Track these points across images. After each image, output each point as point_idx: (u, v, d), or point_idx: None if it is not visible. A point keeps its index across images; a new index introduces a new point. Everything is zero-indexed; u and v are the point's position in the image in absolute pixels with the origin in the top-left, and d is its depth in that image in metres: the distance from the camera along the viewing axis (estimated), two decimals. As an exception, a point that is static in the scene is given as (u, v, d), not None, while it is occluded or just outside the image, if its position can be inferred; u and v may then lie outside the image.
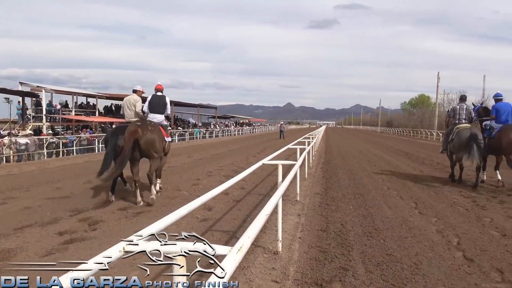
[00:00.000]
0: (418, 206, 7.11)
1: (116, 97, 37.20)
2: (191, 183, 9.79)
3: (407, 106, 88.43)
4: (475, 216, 6.35)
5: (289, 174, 5.39)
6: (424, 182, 10.01)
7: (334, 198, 7.73)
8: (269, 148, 23.04)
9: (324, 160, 15.80)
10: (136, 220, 6.10)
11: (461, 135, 9.22)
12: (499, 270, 4.01)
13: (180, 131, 33.55)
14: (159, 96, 8.07)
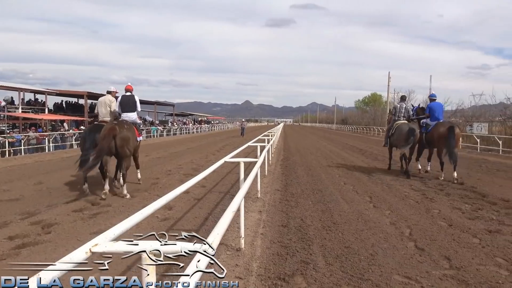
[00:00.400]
0: (372, 200, 7.43)
1: (67, 93, 35.53)
2: (150, 182, 9.58)
3: (360, 104, 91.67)
4: (424, 208, 6.76)
5: (252, 171, 5.45)
6: (377, 177, 10.47)
7: (293, 194, 7.90)
8: (228, 146, 23.02)
9: (283, 157, 16.05)
10: (93, 222, 5.89)
11: (401, 129, 10.58)
12: (447, 257, 4.31)
13: (136, 129, 32.69)
14: (128, 96, 8.68)
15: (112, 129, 7.57)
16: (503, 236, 5.13)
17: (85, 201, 7.31)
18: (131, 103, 8.63)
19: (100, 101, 8.79)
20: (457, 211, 6.56)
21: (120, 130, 7.68)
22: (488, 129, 26.35)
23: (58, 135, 22.31)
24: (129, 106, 8.60)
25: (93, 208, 6.75)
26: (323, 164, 13.44)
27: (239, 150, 8.80)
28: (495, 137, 20.86)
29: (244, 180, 5.25)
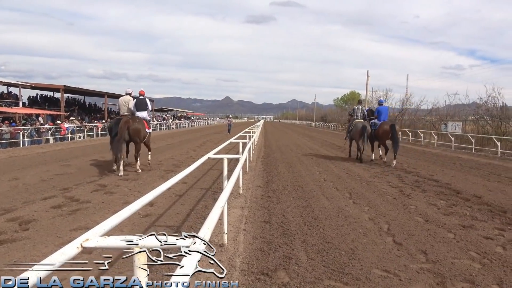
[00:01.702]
0: (352, 196, 7.59)
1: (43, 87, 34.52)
2: (129, 178, 9.47)
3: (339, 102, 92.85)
4: (402, 204, 6.95)
5: (237, 167, 5.48)
6: (356, 174, 10.68)
7: (275, 191, 7.97)
8: (209, 142, 22.93)
9: (264, 153, 16.13)
10: (73, 218, 5.79)
11: (357, 126, 13.70)
12: (424, 252, 4.46)
13: (114, 125, 32.08)
14: (141, 98, 11.24)
15: (126, 122, 10.24)
16: (476, 231, 5.35)
17: (64, 197, 7.18)
18: (143, 104, 11.19)
19: (121, 100, 11.37)
20: (433, 207, 6.78)
21: (133, 123, 10.37)
22: (462, 128, 27.21)
23: (34, 129, 21.69)
24: (142, 106, 11.15)
25: (72, 205, 6.64)
26: (304, 161, 13.59)
27: (221, 147, 8.80)
28: (469, 135, 21.57)
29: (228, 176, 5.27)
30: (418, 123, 36.52)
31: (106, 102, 38.64)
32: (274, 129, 55.74)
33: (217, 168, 11.02)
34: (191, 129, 49.67)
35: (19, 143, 19.37)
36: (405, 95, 46.92)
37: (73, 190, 7.88)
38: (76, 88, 34.09)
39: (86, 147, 19.46)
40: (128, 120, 10.30)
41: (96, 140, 24.64)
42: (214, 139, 25.74)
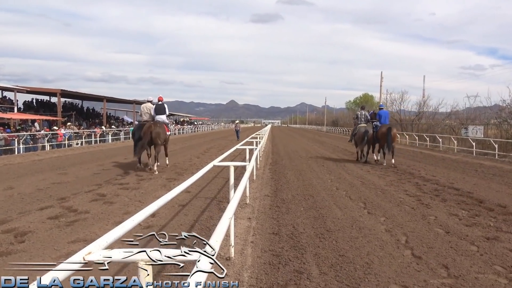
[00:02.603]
0: (366, 206, 7.54)
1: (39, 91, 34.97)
2: (130, 187, 9.52)
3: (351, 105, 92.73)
4: (420, 214, 6.89)
5: (244, 176, 5.48)
6: (371, 182, 10.63)
7: (284, 200, 7.96)
8: (214, 148, 22.99)
9: (272, 160, 16.13)
10: (71, 230, 5.83)
11: (360, 131, 15.86)
12: (445, 266, 4.41)
13: (113, 130, 32.28)
14: (160, 104, 13.27)
15: (149, 126, 12.22)
16: (501, 243, 5.28)
17: (61, 207, 7.23)
18: (162, 109, 13.17)
19: (142, 107, 13.47)
20: (454, 217, 6.71)
21: (155, 127, 12.35)
22: (484, 132, 26.98)
23: (29, 135, 21.93)
24: (161, 111, 13.11)
25: (70, 215, 6.68)
26: (314, 169, 13.56)
27: (227, 154, 8.82)
28: (491, 140, 21.38)
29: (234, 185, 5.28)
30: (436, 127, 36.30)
31: (105, 107, 38.95)
32: (282, 134, 55.76)
33: (222, 176, 11.03)
34: (195, 134, 49.86)
35: (14, 150, 19.59)
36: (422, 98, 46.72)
37: (71, 200, 7.93)
38: (73, 92, 34.45)
39: (84, 154, 19.62)
40: (150, 125, 12.32)
41: (95, 147, 24.83)
42: (218, 145, 25.80)
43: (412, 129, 39.29)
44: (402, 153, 22.01)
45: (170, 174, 11.89)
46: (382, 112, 16.02)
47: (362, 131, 15.59)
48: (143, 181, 10.47)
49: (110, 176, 11.36)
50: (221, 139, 34.22)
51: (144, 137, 11.95)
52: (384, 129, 14.89)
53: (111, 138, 30.43)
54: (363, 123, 16.05)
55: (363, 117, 16.22)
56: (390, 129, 14.70)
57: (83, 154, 19.72)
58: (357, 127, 16.10)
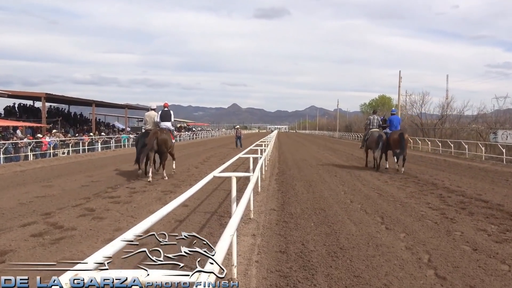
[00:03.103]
0: (384, 220, 7.52)
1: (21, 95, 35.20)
2: (121, 200, 9.55)
3: (367, 108, 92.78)
4: (444, 229, 6.85)
5: (247, 187, 5.47)
6: (389, 193, 10.59)
7: (292, 214, 7.95)
8: (214, 157, 23.04)
9: (279, 170, 16.13)
10: (56, 249, 5.85)
11: (373, 136, 16.48)
12: (472, 287, 4.38)
13: (103, 138, 32.44)
14: (166, 110, 14.42)
15: (155, 133, 13.36)
16: (535, 262, 5.23)
17: (46, 223, 7.26)
18: (168, 115, 14.31)
19: (146, 115, 14.84)
20: (482, 233, 6.67)
21: (160, 134, 13.42)
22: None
23: (11, 144, 22.08)
24: (166, 117, 14.27)
25: (55, 232, 6.71)
26: (326, 179, 13.54)
27: (228, 163, 8.83)
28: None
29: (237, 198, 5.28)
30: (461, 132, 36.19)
31: (94, 112, 39.21)
32: (290, 141, 55.77)
33: (224, 188, 11.05)
34: (193, 142, 50.01)
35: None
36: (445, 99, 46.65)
37: (56, 215, 7.97)
38: (59, 96, 34.71)
39: (71, 165, 19.72)
40: (156, 131, 13.46)
41: (83, 156, 24.97)
42: (219, 154, 25.85)
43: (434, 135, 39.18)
44: (424, 161, 21.96)
45: (165, 186, 11.91)
46: (393, 118, 17.02)
47: (376, 136, 16.25)
48: (136, 194, 10.50)
49: (100, 188, 11.40)
50: (222, 147, 34.28)
51: (149, 144, 13.02)
52: (396, 135, 15.80)
53: (101, 146, 30.58)
54: (375, 128, 16.95)
55: (376, 122, 17.16)
56: (402, 134, 15.63)
57: (70, 165, 19.82)
58: (370, 132, 16.93)
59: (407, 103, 53.87)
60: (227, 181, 10.44)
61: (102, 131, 38.27)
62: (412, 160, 22.85)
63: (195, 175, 14.53)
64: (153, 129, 13.71)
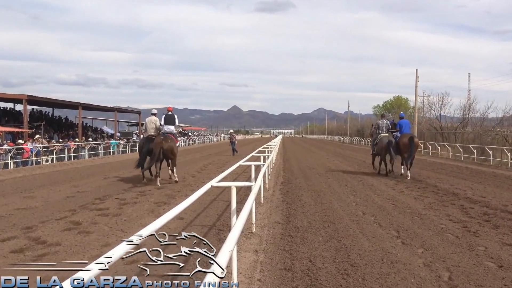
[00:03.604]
0: (400, 234, 7.50)
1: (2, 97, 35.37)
2: (111, 213, 9.57)
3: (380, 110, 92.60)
4: (467, 244, 6.84)
5: (249, 198, 5.48)
6: (405, 205, 10.57)
7: (298, 228, 7.94)
8: (212, 165, 23.06)
9: (283, 179, 16.14)
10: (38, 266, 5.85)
11: (382, 141, 17.49)
12: (498, 308, 4.36)
13: (91, 144, 32.54)
14: (170, 114, 15.94)
15: (159, 143, 14.51)
16: None
17: (27, 238, 7.28)
18: (172, 119, 15.82)
19: (147, 120, 16.03)
20: (509, 248, 6.65)
21: (165, 143, 14.75)
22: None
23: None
24: (170, 121, 15.76)
25: (38, 248, 6.72)
26: (335, 189, 13.54)
27: (228, 172, 8.83)
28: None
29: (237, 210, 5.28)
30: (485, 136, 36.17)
31: (81, 116, 39.36)
32: (296, 147, 55.79)
33: (223, 199, 11.05)
34: (189, 148, 50.06)
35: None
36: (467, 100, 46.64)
37: (39, 229, 7.98)
38: (42, 98, 34.85)
39: (55, 174, 19.78)
40: (160, 141, 14.54)
41: (68, 164, 25.04)
42: (218, 161, 25.89)
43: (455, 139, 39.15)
44: (444, 169, 21.92)
45: (159, 197, 11.93)
46: (402, 122, 18.01)
47: (386, 141, 17.21)
48: (127, 205, 10.52)
49: (87, 199, 11.42)
50: (220, 154, 34.31)
51: (155, 154, 14.20)
52: (405, 139, 16.81)
53: (88, 153, 30.66)
54: (384, 132, 17.92)
55: (385, 126, 18.13)
56: (412, 138, 16.76)
57: (54, 173, 19.87)
58: (378, 137, 17.99)
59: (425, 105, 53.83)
60: (227, 192, 10.45)
61: (89, 136, 38.41)
62: (431, 167, 22.84)
63: (191, 184, 14.55)
64: (157, 138, 14.71)
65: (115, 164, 25.42)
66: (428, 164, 25.22)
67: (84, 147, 31.04)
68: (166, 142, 14.69)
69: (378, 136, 18.03)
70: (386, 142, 17.09)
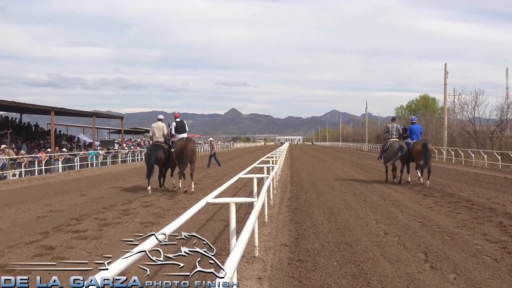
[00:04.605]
0: (428, 257, 7.48)
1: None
2: (89, 235, 9.56)
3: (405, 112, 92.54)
4: (506, 268, 6.82)
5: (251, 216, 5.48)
6: (434, 222, 10.55)
7: (309, 251, 7.93)
8: (207, 178, 23.12)
9: (291, 194, 16.13)
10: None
11: (393, 146, 19.24)
12: None
13: (65, 155, 32.59)
14: (180, 121, 17.45)
15: (185, 145, 16.41)
16: None
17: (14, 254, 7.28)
18: (183, 126, 17.37)
19: (154, 126, 17.80)
20: (557, 272, 6.63)
21: (190, 144, 16.79)
22: None
23: None
24: (182, 129, 17.27)
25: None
26: (352, 204, 13.53)
27: (226, 186, 8.81)
28: None
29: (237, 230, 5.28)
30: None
31: (53, 122, 39.41)
32: (306, 156, 55.79)
33: (220, 218, 11.06)
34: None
35: None
36: (505, 99, 46.62)
37: (5, 255, 7.97)
38: (9, 102, 34.94)
39: (23, 190, 19.79)
40: (186, 144, 16.49)
41: (39, 179, 25.05)
42: (214, 173, 25.90)
43: (492, 145, 39.11)
44: (479, 180, 21.91)
45: (145, 216, 11.93)
46: (414, 127, 19.94)
47: (396, 147, 19.09)
48: (108, 226, 10.51)
49: (61, 220, 11.42)
50: (216, 165, 34.31)
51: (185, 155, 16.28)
52: (419, 146, 18.62)
53: (62, 166, 30.69)
54: (394, 137, 19.76)
55: (395, 130, 19.98)
56: (426, 145, 18.56)
57: (22, 190, 19.88)
58: (388, 142, 19.82)
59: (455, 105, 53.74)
60: (225, 209, 10.44)
61: (64, 146, 38.48)
62: (464, 178, 22.84)
63: (183, 201, 14.56)
64: (180, 142, 16.57)
65: (93, 178, 25.43)
66: (460, 175, 25.22)
67: (58, 158, 31.06)
68: (190, 144, 16.86)
69: (388, 141, 19.88)
70: (396, 148, 18.96)
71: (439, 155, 41.98)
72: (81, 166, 33.09)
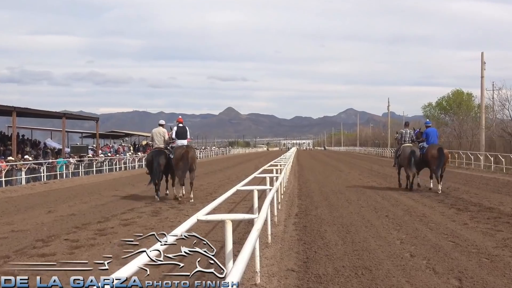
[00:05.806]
0: (463, 284, 7.49)
1: None
2: (61, 258, 9.56)
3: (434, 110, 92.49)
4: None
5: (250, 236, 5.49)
6: (469, 242, 10.55)
7: (321, 277, 7.93)
8: (199, 190, 23.05)
9: (299, 209, 16.11)
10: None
11: (405, 152, 21.82)
12: None
13: (30, 164, 32.59)
14: (181, 127, 19.75)
15: (186, 152, 18.55)
16: None
17: None
18: (184, 132, 19.66)
19: (154, 131, 20.31)
20: None
21: (190, 151, 19.00)
22: None
23: None
24: (183, 135, 19.60)
25: None
26: (372, 221, 13.52)
27: (221, 200, 8.82)
28: None
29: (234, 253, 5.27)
30: None
31: (15, 124, 39.42)
32: (316, 163, 55.75)
33: (214, 239, 11.05)
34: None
35: None
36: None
37: None
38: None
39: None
40: (186, 151, 18.66)
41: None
42: (207, 185, 25.89)
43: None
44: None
45: (124, 236, 11.89)
46: (429, 131, 22.59)
47: (408, 152, 21.58)
48: (80, 249, 10.51)
49: (24, 242, 11.42)
50: (211, 175, 34.33)
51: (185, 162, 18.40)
52: (434, 150, 21.20)
53: (26, 177, 30.66)
54: (407, 142, 22.44)
55: (408, 136, 22.69)
56: (441, 149, 21.39)
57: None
58: (401, 147, 22.55)
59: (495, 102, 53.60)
60: (219, 228, 10.46)
61: (27, 153, 38.50)
62: (505, 189, 22.83)
63: (170, 218, 14.55)
64: (179, 149, 18.84)
65: (63, 191, 25.42)
66: (501, 185, 25.20)
67: (20, 168, 31.06)
68: (191, 151, 19.26)
69: (401, 147, 22.70)
70: (409, 152, 21.47)
71: (475, 161, 41.91)
72: (48, 177, 33.06)
